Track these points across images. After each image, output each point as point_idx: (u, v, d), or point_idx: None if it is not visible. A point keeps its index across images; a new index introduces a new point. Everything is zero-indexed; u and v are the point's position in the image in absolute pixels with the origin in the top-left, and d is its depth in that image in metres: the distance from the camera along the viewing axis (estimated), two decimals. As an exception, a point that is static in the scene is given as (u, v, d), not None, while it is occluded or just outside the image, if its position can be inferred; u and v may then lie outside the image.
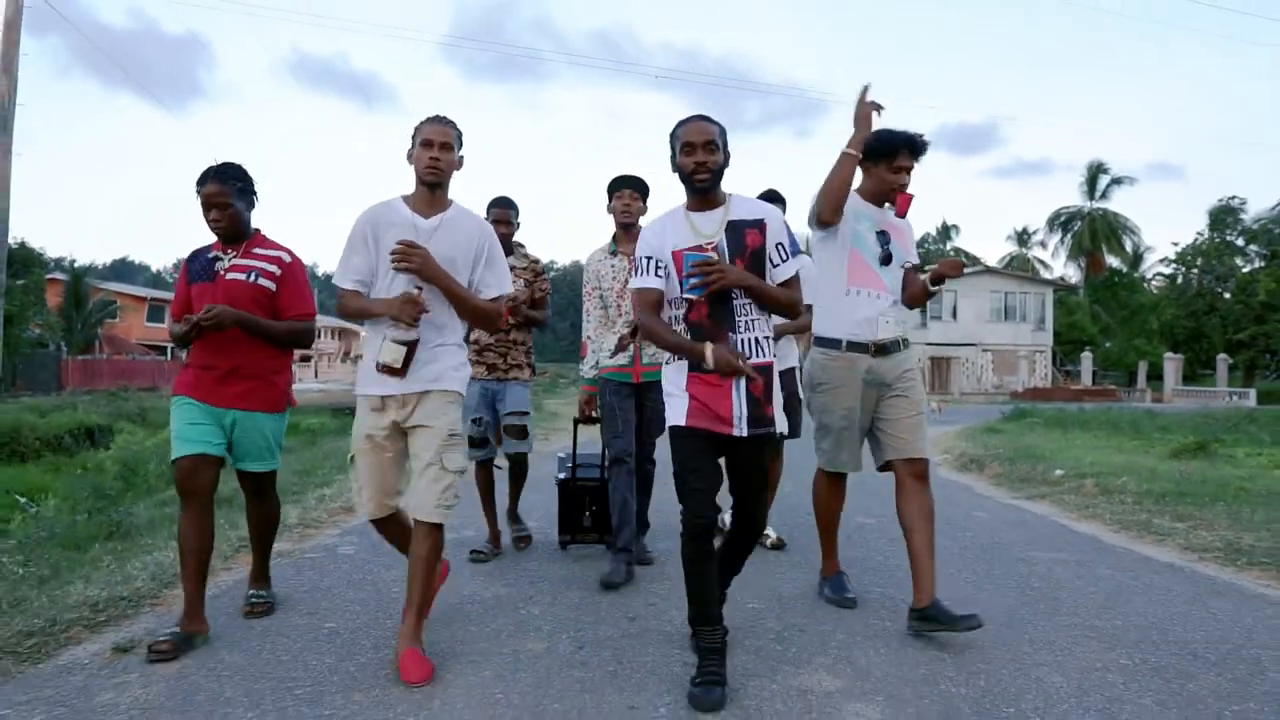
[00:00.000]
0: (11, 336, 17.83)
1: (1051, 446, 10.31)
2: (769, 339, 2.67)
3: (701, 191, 2.64)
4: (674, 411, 2.61)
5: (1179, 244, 46.01)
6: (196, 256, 3.21)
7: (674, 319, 2.66)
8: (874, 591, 3.65)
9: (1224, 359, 37.66)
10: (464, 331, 2.98)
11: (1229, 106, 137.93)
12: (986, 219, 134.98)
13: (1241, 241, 43.64)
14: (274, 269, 3.16)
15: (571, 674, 2.69)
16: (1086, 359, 39.63)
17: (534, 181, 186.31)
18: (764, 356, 2.62)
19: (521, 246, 4.36)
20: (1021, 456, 9.00)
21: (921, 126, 3.27)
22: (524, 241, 4.41)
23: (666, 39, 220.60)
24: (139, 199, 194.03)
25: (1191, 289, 43.91)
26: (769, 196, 4.14)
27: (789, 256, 2.68)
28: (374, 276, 2.83)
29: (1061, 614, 3.36)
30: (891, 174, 3.19)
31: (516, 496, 4.56)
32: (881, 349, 3.21)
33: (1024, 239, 50.72)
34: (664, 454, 3.07)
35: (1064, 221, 47.66)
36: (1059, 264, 48.69)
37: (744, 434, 2.56)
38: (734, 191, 2.73)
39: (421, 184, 2.83)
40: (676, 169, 2.67)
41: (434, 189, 2.84)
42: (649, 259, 2.65)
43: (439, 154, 2.79)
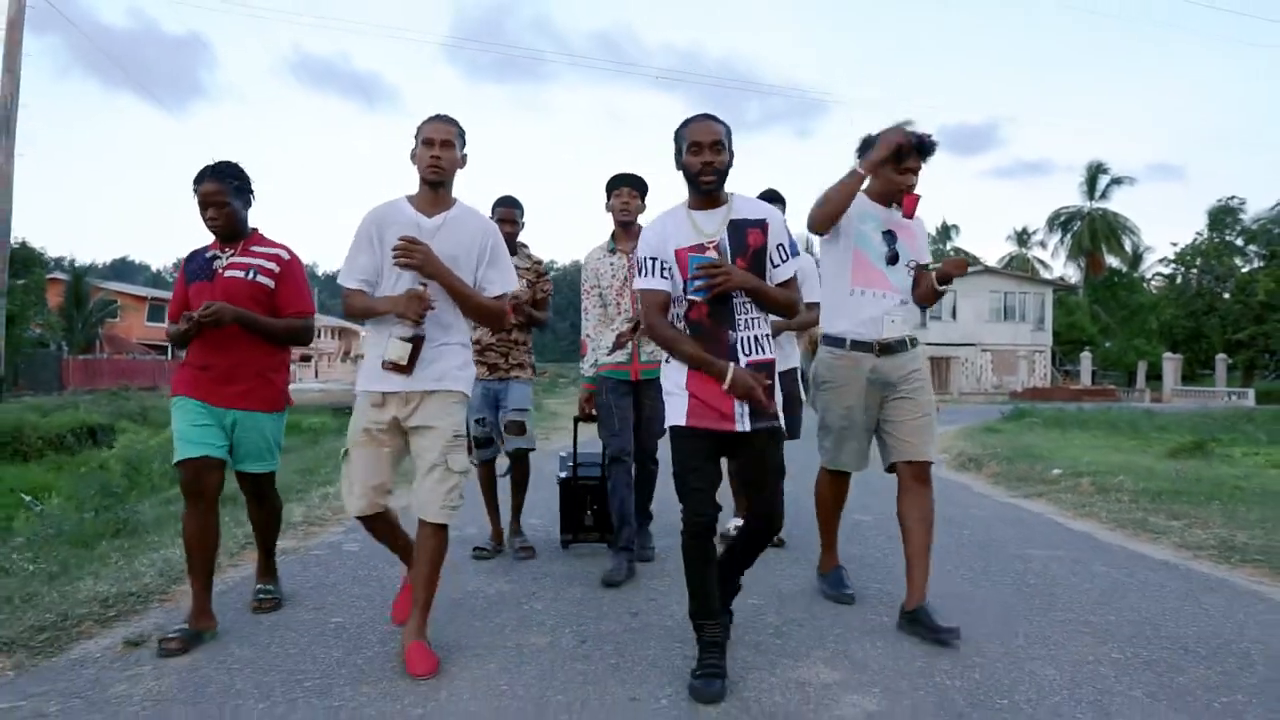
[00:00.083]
0: (12, 336, 17.85)
1: (1049, 446, 10.35)
2: (768, 337, 2.70)
3: (707, 192, 2.63)
4: (674, 411, 2.62)
5: (1178, 244, 45.97)
6: (194, 257, 3.20)
7: (675, 317, 2.67)
8: (871, 588, 3.70)
9: (1223, 359, 37.69)
10: (469, 330, 2.99)
11: (1228, 107, 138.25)
12: (986, 219, 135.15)
13: (1241, 242, 43.68)
14: (273, 266, 3.15)
15: (574, 667, 2.74)
16: (1086, 359, 39.64)
17: (535, 182, 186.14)
18: (764, 354, 2.65)
19: (525, 247, 4.39)
20: (1019, 456, 9.04)
21: (921, 127, 3.24)
22: (527, 242, 4.45)
23: (667, 39, 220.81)
24: (139, 199, 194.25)
25: (1191, 289, 43.92)
26: (768, 196, 4.15)
27: (789, 257, 2.71)
28: (379, 276, 2.83)
29: (1056, 609, 3.42)
30: (898, 175, 3.16)
31: (519, 506, 4.43)
32: (886, 348, 3.19)
33: (1024, 239, 50.66)
34: (664, 453, 3.12)
35: (1064, 222, 47.64)
36: (1058, 264, 48.74)
37: (747, 429, 2.57)
38: (735, 191, 2.73)
39: (424, 183, 2.84)
40: (682, 167, 2.65)
41: (436, 188, 2.84)
42: (653, 260, 2.65)
43: (440, 152, 2.80)
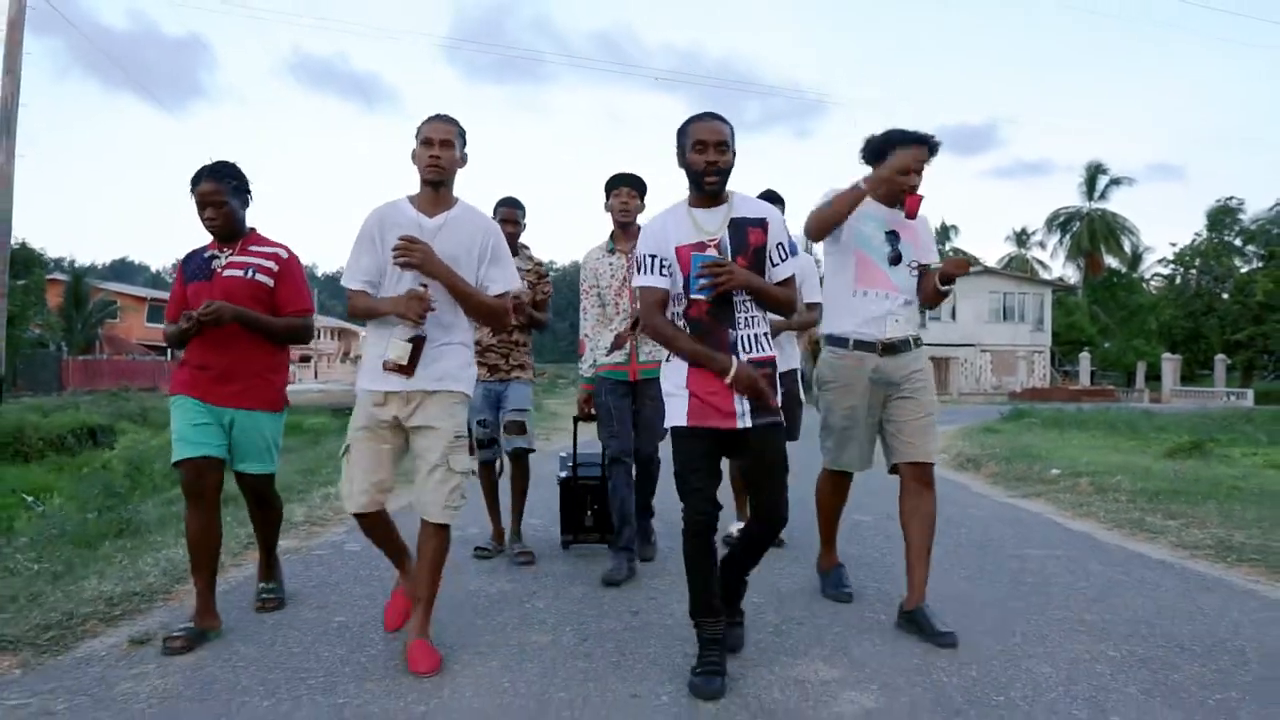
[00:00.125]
0: (12, 337, 17.84)
1: (1048, 446, 10.38)
2: (767, 335, 2.72)
3: (711, 190, 2.64)
4: (674, 412, 2.63)
5: (1177, 245, 46.10)
6: (192, 257, 3.19)
7: (674, 315, 2.68)
8: (870, 586, 3.73)
9: (1222, 359, 37.74)
10: (472, 330, 2.99)
11: (1228, 108, 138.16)
12: (986, 219, 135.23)
13: (1239, 242, 43.75)
14: (272, 265, 3.15)
15: (576, 664, 2.76)
16: (1085, 359, 39.68)
17: (534, 182, 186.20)
18: (764, 352, 2.67)
19: (526, 248, 4.41)
20: (1018, 456, 9.07)
21: (921, 127, 3.22)
22: (528, 244, 4.47)
23: (667, 40, 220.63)
24: (139, 199, 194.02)
25: (1190, 290, 44.00)
26: (767, 197, 4.15)
27: (788, 256, 2.73)
28: (382, 276, 2.83)
29: (1052, 608, 3.44)
30: (901, 175, 3.14)
31: (519, 510, 4.37)
32: (889, 348, 3.18)
33: (1023, 239, 50.70)
34: (664, 451, 3.15)
35: (1063, 222, 47.71)
36: (1058, 264, 48.81)
37: (748, 424, 2.58)
38: (735, 189, 2.73)
39: (424, 183, 2.84)
40: (685, 165, 2.65)
41: (437, 187, 2.85)
42: (652, 257, 2.65)
43: (439, 152, 2.80)
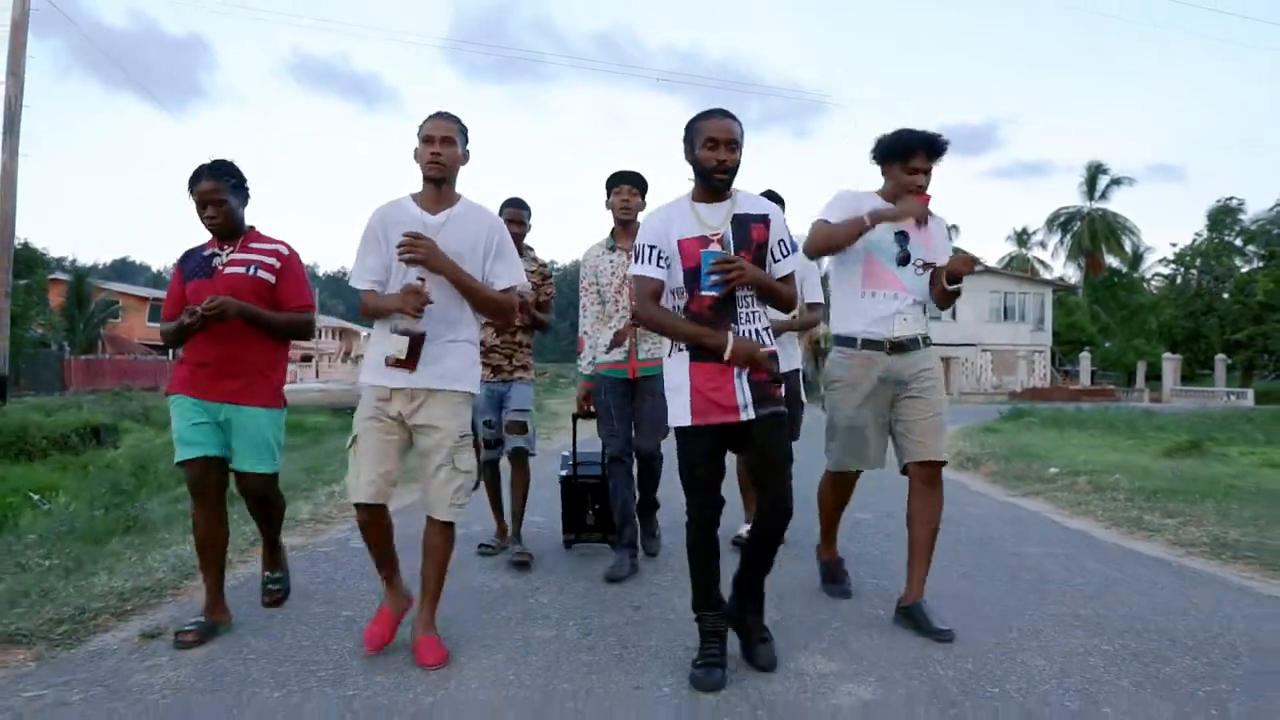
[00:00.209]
0: (15, 337, 17.91)
1: (1047, 445, 10.44)
2: (767, 330, 2.75)
3: (718, 187, 2.67)
4: (678, 410, 2.65)
5: (1178, 245, 46.19)
6: (190, 255, 3.19)
7: (675, 309, 2.70)
8: (869, 583, 3.77)
9: (1222, 359, 37.78)
10: (479, 328, 3.00)
11: (1228, 108, 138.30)
12: (986, 219, 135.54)
13: (1240, 242, 43.80)
14: (273, 261, 3.16)
15: (579, 658, 2.82)
16: (1085, 359, 39.71)
17: (534, 182, 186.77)
18: (765, 347, 2.68)
19: (531, 250, 4.41)
20: (1017, 455, 9.12)
21: (923, 128, 3.19)
22: (532, 245, 4.49)
23: (668, 40, 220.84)
24: (139, 199, 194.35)
25: (1190, 289, 44.05)
26: (768, 197, 4.22)
27: (789, 253, 2.77)
28: (389, 275, 2.84)
29: (1048, 604, 3.49)
30: (907, 175, 3.14)
31: (519, 511, 4.31)
32: (898, 346, 3.18)
33: (1023, 239, 50.76)
34: (666, 449, 3.20)
35: (1063, 222, 47.77)
36: (1058, 264, 48.87)
37: (751, 416, 2.60)
38: (738, 186, 2.76)
39: (426, 180, 2.86)
40: (693, 160, 2.67)
41: (439, 184, 2.86)
42: (651, 247, 2.66)
43: (440, 149, 2.81)
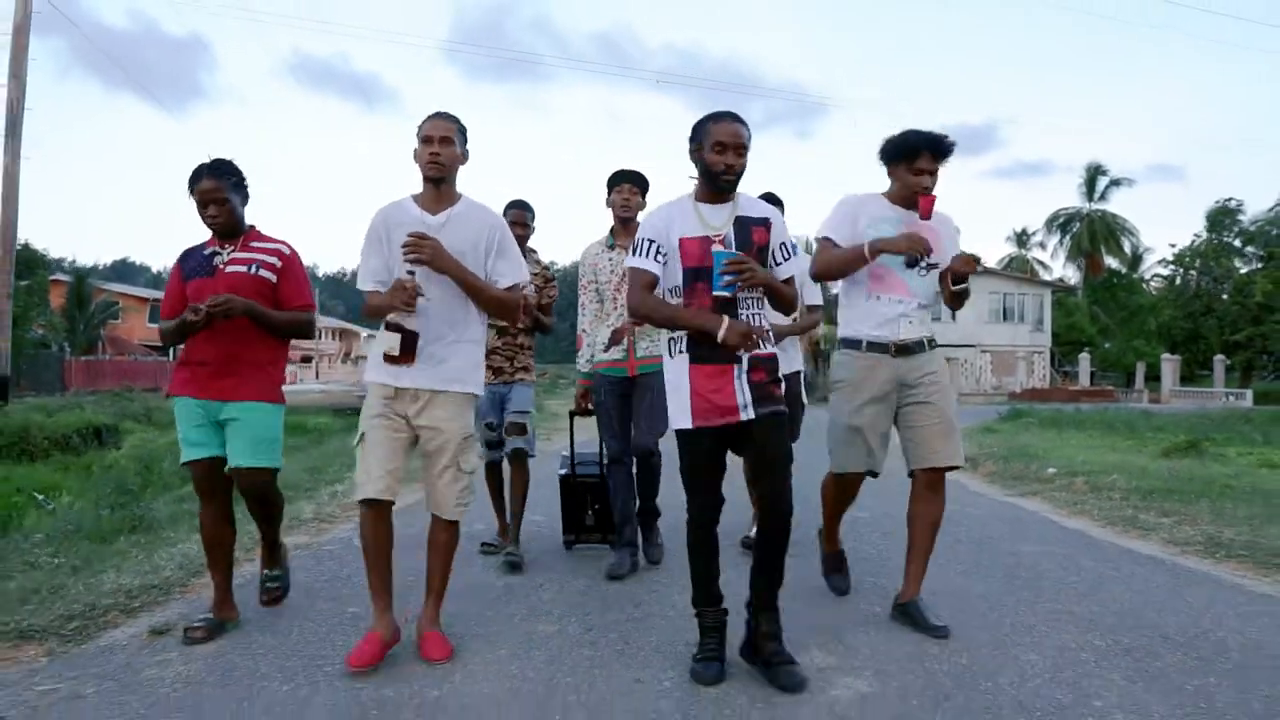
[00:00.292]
0: (15, 337, 17.96)
1: (1046, 446, 10.49)
2: (769, 332, 2.79)
3: (724, 190, 2.69)
4: (680, 412, 2.67)
5: (1177, 245, 46.21)
6: (191, 254, 3.20)
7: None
8: (866, 581, 3.82)
9: (1221, 360, 37.82)
10: (484, 328, 3.02)
11: (1228, 109, 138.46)
12: (986, 220, 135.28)
13: (1239, 243, 43.86)
14: (274, 261, 3.18)
15: (581, 652, 2.88)
16: (1085, 360, 39.77)
17: (534, 182, 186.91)
18: (765, 348, 2.72)
19: (534, 252, 4.42)
20: (1015, 455, 9.18)
21: (925, 128, 3.18)
22: (535, 248, 4.50)
23: (668, 40, 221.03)
24: (139, 200, 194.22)
25: (1189, 290, 44.11)
26: (767, 199, 4.25)
27: (790, 256, 2.82)
28: (391, 276, 2.85)
29: (1043, 601, 3.55)
30: (912, 175, 3.13)
31: (519, 513, 4.27)
32: (903, 349, 3.19)
33: (1023, 240, 50.79)
34: (665, 446, 3.25)
35: (1063, 223, 47.81)
36: (1058, 265, 48.90)
37: (752, 416, 2.63)
38: (739, 189, 2.79)
39: (426, 180, 2.87)
40: (700, 162, 2.69)
41: (438, 184, 2.87)
42: (650, 241, 2.69)
43: (439, 148, 2.82)
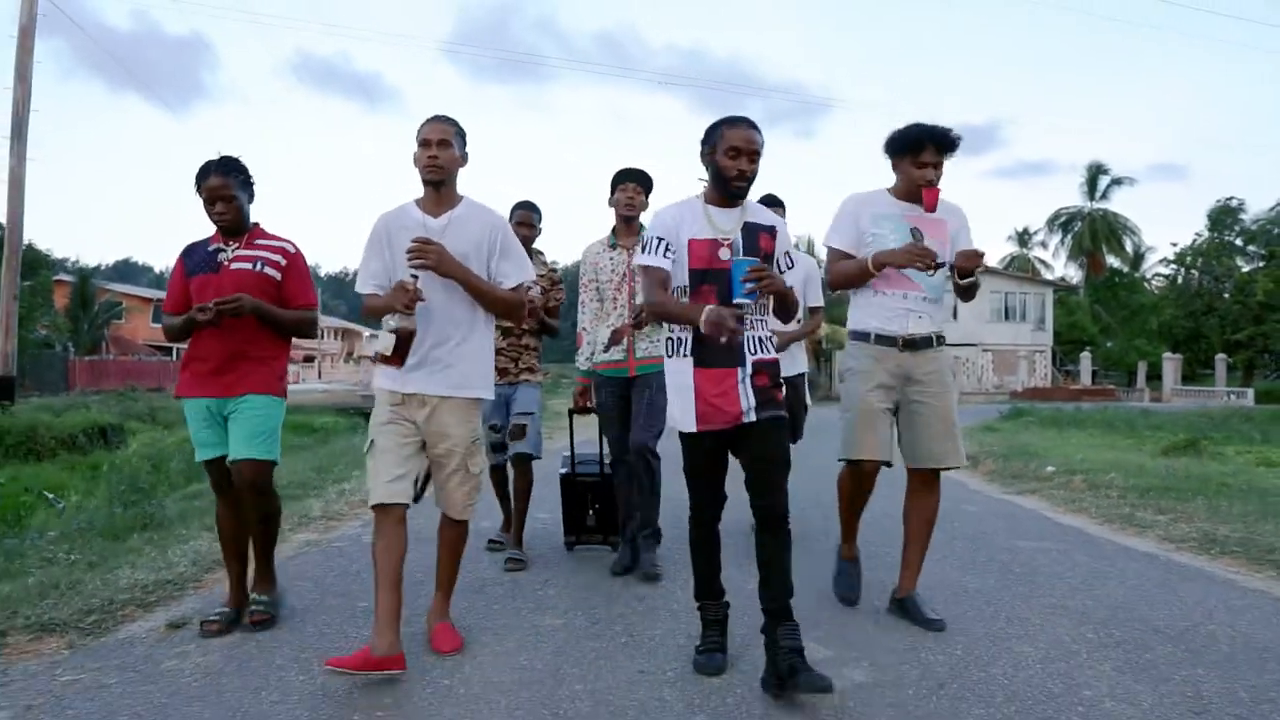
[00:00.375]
0: (20, 337, 18.07)
1: (1045, 444, 10.56)
2: (772, 338, 2.85)
3: (736, 195, 2.72)
4: (683, 416, 2.71)
5: (1178, 244, 46.27)
6: (194, 250, 3.22)
7: None
8: (864, 576, 3.89)
9: (1222, 359, 37.82)
10: (492, 329, 3.04)
11: (1230, 109, 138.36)
12: (987, 219, 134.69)
13: (1240, 242, 43.87)
14: (279, 259, 3.20)
15: (587, 644, 2.96)
16: (1086, 359, 39.79)
17: (537, 182, 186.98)
18: (769, 353, 2.77)
19: (541, 254, 4.47)
20: (1015, 454, 9.25)
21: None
22: (542, 249, 4.54)
23: (671, 40, 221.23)
24: (142, 200, 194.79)
25: (1191, 289, 44.11)
26: (769, 200, 4.27)
27: (793, 265, 2.89)
28: (391, 279, 2.85)
29: (1038, 595, 3.63)
30: (916, 169, 3.14)
31: (523, 512, 4.30)
32: (910, 343, 3.20)
33: (1024, 239, 50.81)
34: (664, 446, 3.32)
35: (1064, 222, 47.83)
36: (1059, 264, 48.91)
37: (754, 419, 2.66)
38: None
39: (425, 183, 2.88)
40: (712, 165, 2.72)
41: (438, 187, 2.88)
42: (660, 240, 2.71)
43: (437, 152, 2.83)
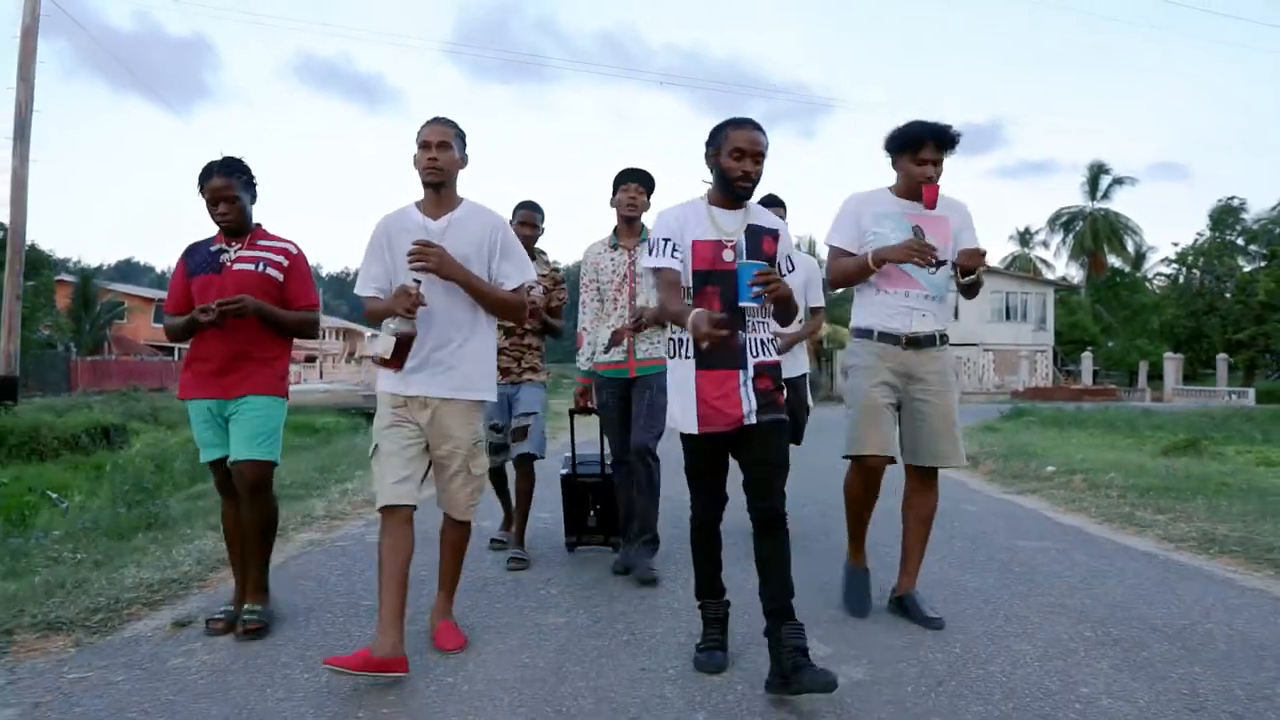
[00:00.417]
0: (22, 338, 18.12)
1: (1046, 444, 10.57)
2: (773, 340, 2.87)
3: (740, 196, 2.73)
4: (684, 417, 2.72)
5: (1180, 244, 46.25)
6: (196, 250, 3.22)
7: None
8: (865, 575, 3.92)
9: (1224, 358, 37.79)
10: (494, 330, 3.05)
11: (1231, 108, 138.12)
12: (989, 219, 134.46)
13: (1242, 241, 43.84)
14: (281, 260, 3.21)
15: (589, 642, 2.99)
16: (1087, 359, 39.77)
17: (539, 182, 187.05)
18: (770, 356, 2.78)
19: (544, 254, 4.48)
20: (1015, 454, 9.26)
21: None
22: (545, 249, 4.54)
23: (671, 39, 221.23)
24: (144, 200, 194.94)
25: (1192, 289, 44.09)
26: (769, 201, 4.30)
27: (793, 269, 2.91)
28: (391, 282, 2.86)
29: (1037, 594, 3.65)
30: (916, 166, 3.14)
31: (524, 513, 4.30)
32: (913, 341, 3.20)
33: (1026, 239, 50.81)
34: (664, 448, 3.34)
35: (1065, 222, 47.82)
36: (1060, 264, 48.91)
37: (754, 421, 2.66)
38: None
39: (425, 185, 2.89)
40: (716, 167, 2.72)
41: (438, 189, 2.89)
42: (667, 240, 2.71)
43: (437, 154, 2.84)
